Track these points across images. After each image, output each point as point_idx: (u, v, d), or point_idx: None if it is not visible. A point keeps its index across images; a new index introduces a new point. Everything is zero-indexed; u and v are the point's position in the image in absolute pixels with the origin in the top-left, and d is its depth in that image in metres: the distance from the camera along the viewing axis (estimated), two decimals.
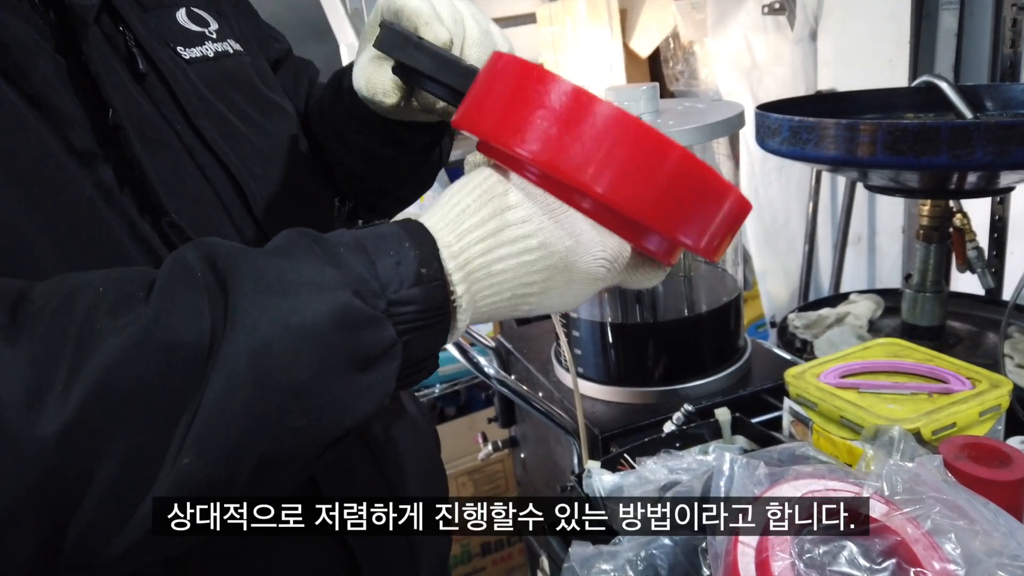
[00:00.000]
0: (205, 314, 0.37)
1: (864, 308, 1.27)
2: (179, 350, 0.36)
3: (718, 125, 0.86)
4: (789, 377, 0.77)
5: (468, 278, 0.43)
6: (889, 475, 0.50)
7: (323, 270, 0.39)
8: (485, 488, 1.90)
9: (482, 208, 0.44)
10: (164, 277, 0.38)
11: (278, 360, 0.37)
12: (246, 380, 0.36)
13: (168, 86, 0.56)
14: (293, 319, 0.37)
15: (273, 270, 0.39)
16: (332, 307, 0.38)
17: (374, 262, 0.41)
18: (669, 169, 0.42)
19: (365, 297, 0.40)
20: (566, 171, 0.42)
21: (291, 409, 0.38)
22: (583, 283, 0.47)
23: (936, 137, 0.85)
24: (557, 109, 0.42)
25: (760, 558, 0.45)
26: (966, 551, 0.45)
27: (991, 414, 0.67)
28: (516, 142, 0.42)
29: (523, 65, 0.44)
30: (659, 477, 0.66)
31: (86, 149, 0.49)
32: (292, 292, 0.38)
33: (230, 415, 0.36)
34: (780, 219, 1.93)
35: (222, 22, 0.67)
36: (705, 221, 0.44)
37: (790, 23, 1.78)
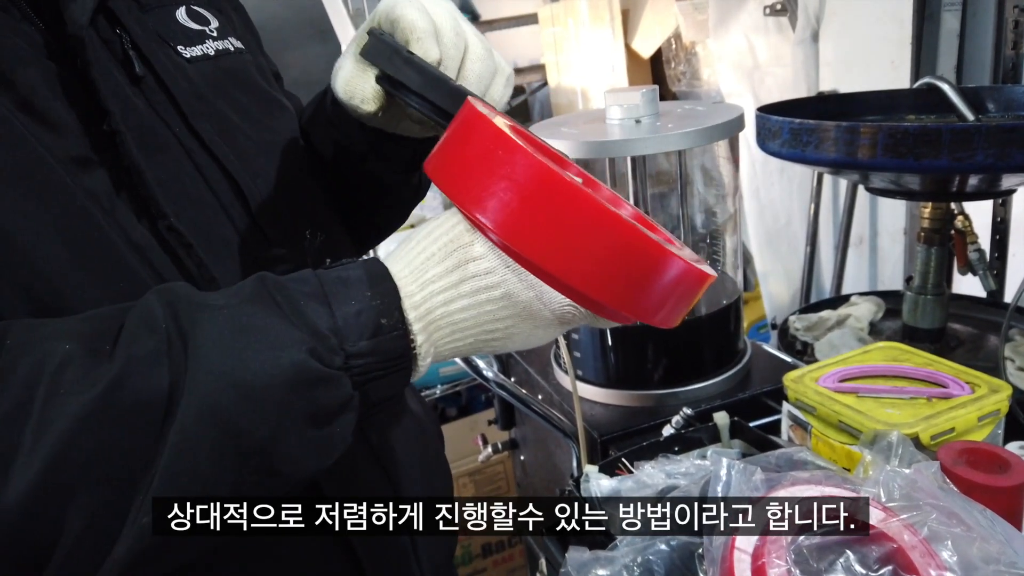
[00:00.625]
0: (164, 372, 0.38)
1: (865, 310, 1.27)
2: (139, 412, 0.37)
3: (718, 128, 0.86)
4: (788, 381, 0.77)
5: (428, 327, 0.44)
6: (886, 481, 0.49)
7: (281, 328, 0.40)
8: (485, 490, 1.90)
9: (447, 258, 0.45)
10: (129, 329, 0.39)
11: (232, 422, 0.38)
12: (201, 441, 0.37)
13: (166, 88, 0.56)
14: (248, 379, 0.38)
15: (231, 327, 0.40)
16: (286, 367, 0.39)
17: (333, 313, 0.42)
18: (627, 255, 0.42)
19: (321, 355, 0.40)
20: (524, 248, 0.42)
21: (247, 468, 0.39)
22: (548, 327, 0.47)
23: (937, 140, 0.85)
24: (517, 182, 0.42)
25: (756, 564, 0.45)
26: (963, 558, 0.45)
27: (990, 419, 0.67)
28: (477, 209, 0.43)
29: (490, 130, 0.44)
30: (656, 482, 0.65)
31: (79, 155, 0.49)
32: (249, 349, 0.39)
33: (186, 476, 0.37)
34: (782, 220, 1.93)
35: (222, 20, 0.66)
36: (660, 299, 0.45)
37: (792, 24, 1.78)
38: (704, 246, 1.08)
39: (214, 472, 0.38)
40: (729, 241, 1.06)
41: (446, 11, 0.56)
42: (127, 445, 0.37)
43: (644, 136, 0.85)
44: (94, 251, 0.48)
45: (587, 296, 0.43)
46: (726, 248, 1.06)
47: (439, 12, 0.55)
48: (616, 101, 0.91)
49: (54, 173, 0.47)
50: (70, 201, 0.47)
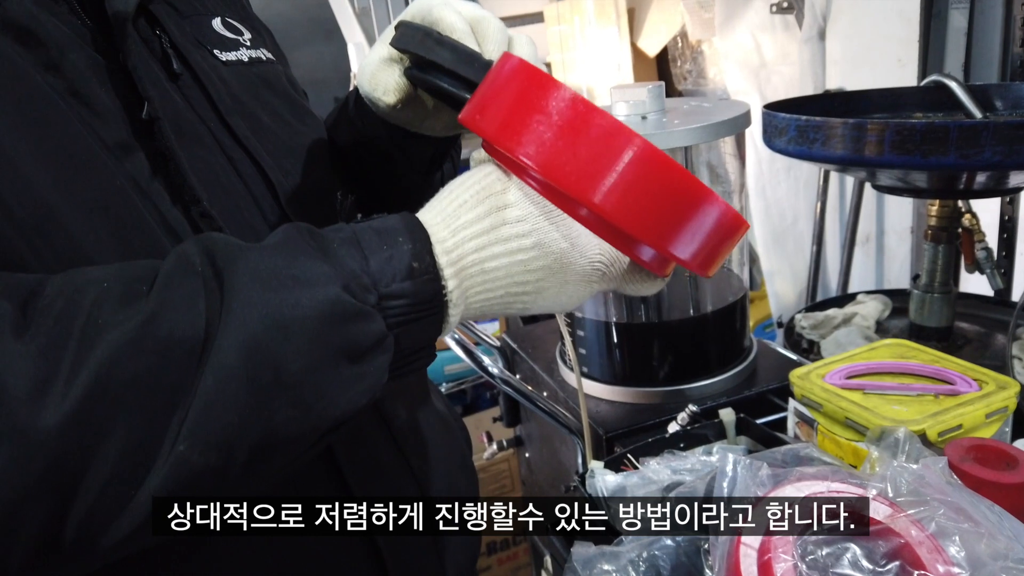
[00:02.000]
0: (201, 309, 0.38)
1: (872, 309, 1.26)
2: (175, 345, 0.37)
3: (723, 124, 0.86)
4: (794, 378, 0.76)
5: (460, 273, 0.44)
6: (893, 477, 0.49)
7: (315, 265, 0.41)
8: (490, 487, 1.90)
9: (479, 204, 0.45)
10: (166, 271, 0.40)
11: (268, 354, 0.38)
12: (238, 373, 0.38)
13: (202, 85, 0.58)
14: (284, 313, 0.39)
15: (267, 266, 0.40)
16: (321, 302, 0.40)
17: (367, 257, 0.42)
18: (665, 185, 0.42)
19: (355, 292, 0.41)
20: (563, 180, 0.42)
21: (282, 400, 0.39)
22: (578, 285, 0.47)
23: (944, 137, 0.85)
24: (558, 118, 0.42)
25: (762, 560, 0.45)
26: (970, 554, 0.45)
27: (998, 416, 0.67)
28: (516, 147, 0.43)
29: (529, 70, 0.44)
30: (662, 478, 0.65)
31: (120, 140, 0.50)
32: (284, 287, 0.39)
33: (222, 407, 0.38)
34: (788, 219, 1.93)
35: (255, 34, 0.69)
36: (697, 237, 0.44)
37: (798, 22, 1.77)
38: None
39: (249, 405, 0.38)
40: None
41: (482, 12, 0.57)
42: (163, 376, 0.37)
43: (650, 132, 0.85)
44: (131, 232, 0.48)
45: (625, 231, 0.43)
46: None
47: (475, 9, 0.56)
48: (622, 97, 0.91)
49: (97, 156, 0.48)
50: (111, 183, 0.48)
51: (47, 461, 0.35)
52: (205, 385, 0.37)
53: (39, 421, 0.35)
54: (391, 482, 0.64)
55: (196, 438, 0.37)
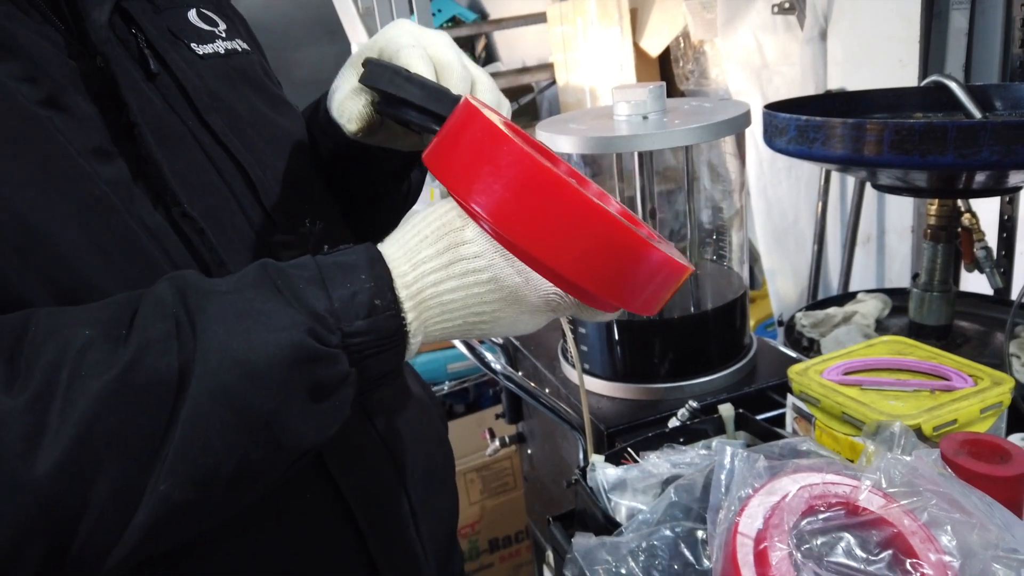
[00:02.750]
0: (174, 354, 0.41)
1: (871, 307, 1.27)
2: (153, 392, 0.40)
3: (724, 124, 0.87)
4: (792, 374, 0.77)
5: (419, 306, 0.47)
6: (887, 468, 0.50)
7: (282, 310, 0.43)
8: (493, 485, 1.91)
9: (438, 240, 0.47)
10: (142, 314, 0.42)
11: (239, 399, 0.41)
12: (211, 419, 0.41)
13: (179, 84, 0.59)
14: (252, 358, 0.41)
15: (236, 310, 0.43)
16: (286, 347, 0.42)
17: (330, 295, 0.45)
18: (612, 245, 0.45)
19: (319, 334, 0.44)
20: (512, 233, 0.44)
21: (253, 439, 0.42)
22: (533, 314, 0.50)
23: (942, 137, 0.86)
24: (507, 173, 0.44)
25: (758, 549, 0.46)
26: (962, 543, 0.45)
27: (992, 411, 0.68)
28: (468, 196, 0.45)
29: (482, 122, 0.46)
30: (662, 471, 0.66)
31: (98, 146, 0.51)
32: (253, 332, 0.42)
33: (198, 450, 0.41)
34: (789, 218, 1.93)
35: (229, 24, 0.69)
36: (642, 288, 0.47)
37: (800, 23, 1.78)
38: (711, 242, 1.09)
39: (223, 445, 0.41)
40: (735, 237, 1.07)
41: (448, 46, 0.59)
42: (144, 421, 0.40)
43: (651, 132, 0.86)
44: (113, 238, 0.50)
45: (572, 282, 0.46)
46: (732, 244, 1.07)
47: (442, 50, 0.59)
48: (623, 97, 0.92)
49: (76, 165, 0.49)
50: (90, 191, 0.49)
51: (41, 507, 0.38)
52: (182, 429, 0.40)
53: (32, 472, 0.37)
54: (369, 464, 0.66)
55: (176, 478, 0.40)
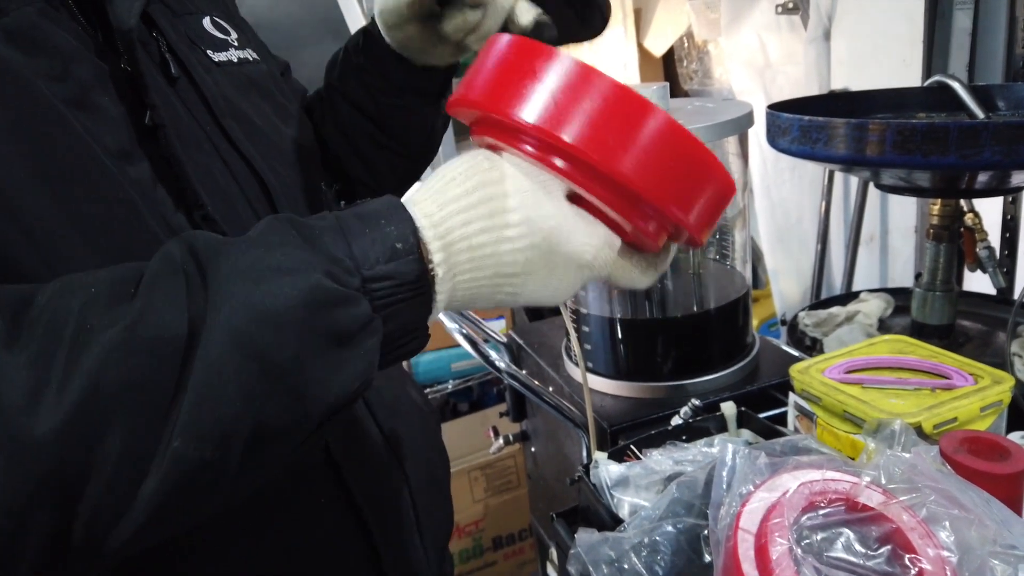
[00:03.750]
0: (184, 306, 0.38)
1: (874, 307, 1.27)
2: (163, 344, 0.38)
3: (727, 124, 0.87)
4: (794, 372, 0.78)
5: (448, 248, 0.44)
6: (886, 465, 0.51)
7: (296, 253, 0.41)
8: (497, 483, 1.92)
9: (467, 180, 0.44)
10: (151, 271, 0.40)
11: (256, 345, 0.38)
12: (227, 366, 0.38)
13: (198, 88, 0.59)
14: (267, 304, 0.39)
15: (249, 258, 0.40)
16: (303, 289, 0.40)
17: (349, 242, 0.42)
18: (675, 148, 0.42)
19: (337, 276, 0.41)
20: (561, 138, 0.42)
21: (273, 390, 0.39)
22: (566, 269, 0.46)
23: (944, 137, 0.86)
24: (555, 80, 0.42)
25: (759, 544, 0.47)
26: (960, 539, 0.46)
27: (992, 409, 0.68)
28: (511, 109, 0.43)
29: (521, 40, 0.44)
30: (664, 468, 0.67)
31: (123, 148, 0.52)
32: (266, 278, 0.40)
33: (214, 400, 0.38)
34: (793, 218, 1.94)
35: (240, 33, 0.70)
36: (694, 196, 0.44)
37: (804, 23, 1.78)
38: (713, 241, 1.10)
39: (240, 396, 0.38)
40: (738, 236, 1.07)
41: None
42: (154, 375, 0.37)
43: None
44: (134, 245, 0.50)
45: (626, 187, 0.42)
46: (735, 243, 1.08)
47: None
48: None
49: (101, 165, 0.49)
50: (115, 192, 0.50)
51: (46, 468, 0.35)
52: (195, 380, 0.37)
53: (35, 429, 0.35)
54: (379, 471, 0.67)
55: (190, 433, 0.37)
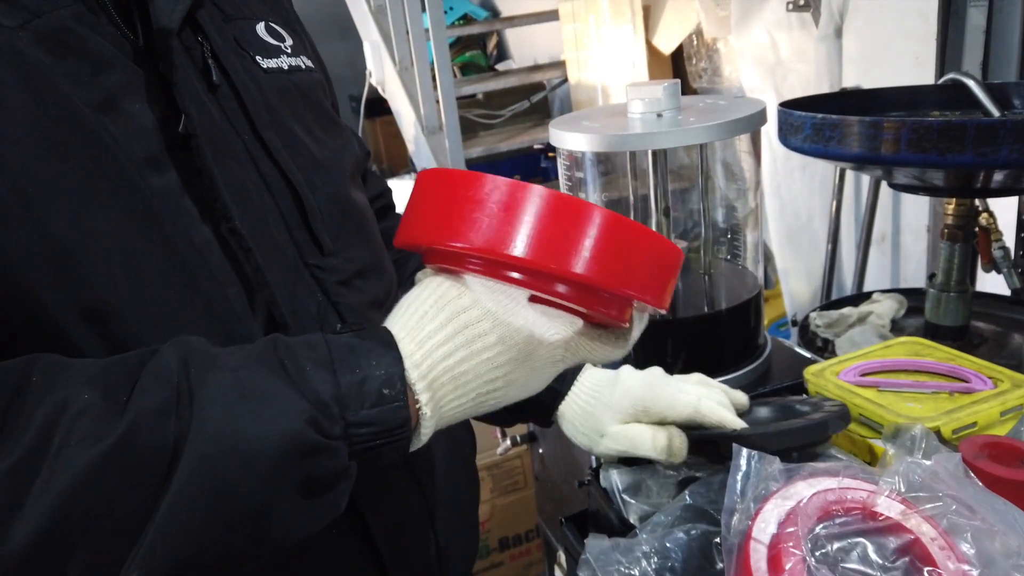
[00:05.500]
0: (171, 429, 0.38)
1: (887, 307, 1.26)
2: (143, 466, 0.38)
3: (739, 122, 0.86)
4: (808, 375, 0.76)
5: (432, 385, 0.45)
6: (906, 472, 0.49)
7: (285, 394, 0.41)
8: (504, 483, 1.91)
9: (439, 313, 0.46)
10: (144, 381, 0.40)
11: (227, 485, 0.38)
12: (196, 501, 0.38)
13: (238, 95, 0.58)
14: (246, 443, 0.39)
15: (238, 389, 0.40)
16: (284, 435, 0.40)
17: (339, 382, 0.42)
18: (604, 232, 0.45)
19: (321, 424, 0.41)
20: (513, 256, 0.44)
21: (236, 532, 0.39)
22: (544, 368, 0.48)
23: (961, 135, 0.84)
24: (494, 202, 0.44)
25: (772, 554, 0.45)
26: (982, 551, 0.45)
27: (1013, 414, 0.67)
28: (461, 239, 0.44)
29: (445, 171, 0.47)
30: (676, 472, 0.66)
31: (152, 155, 0.51)
32: (251, 414, 0.40)
33: (178, 537, 0.38)
34: (803, 217, 1.92)
35: (296, 40, 0.69)
36: (645, 273, 0.47)
37: (815, 20, 1.77)
38: (725, 241, 1.08)
39: (205, 532, 0.38)
40: (750, 236, 1.06)
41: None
42: (129, 500, 0.37)
43: (665, 130, 0.85)
44: (155, 253, 0.49)
45: (580, 282, 0.45)
46: (747, 243, 1.06)
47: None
48: (637, 95, 0.91)
49: (125, 173, 0.48)
50: (136, 201, 0.49)
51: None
52: (164, 511, 0.37)
53: (5, 546, 0.35)
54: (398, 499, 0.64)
55: (150, 566, 0.37)
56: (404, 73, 2.45)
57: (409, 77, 2.42)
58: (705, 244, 1.04)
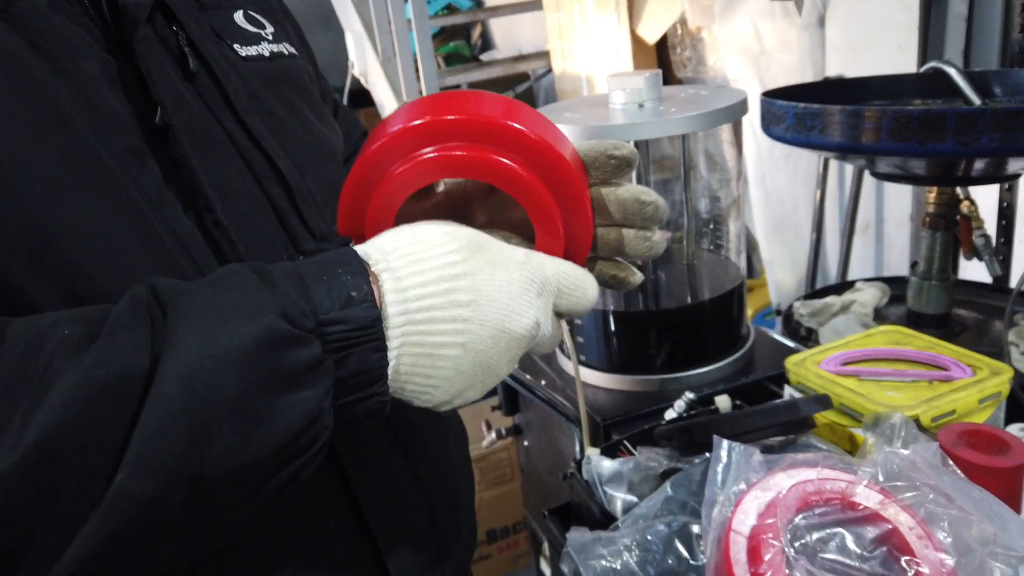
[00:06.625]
0: (145, 346, 0.39)
1: (870, 296, 1.26)
2: (123, 382, 0.38)
3: (720, 112, 0.86)
4: (790, 364, 0.77)
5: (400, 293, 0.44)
6: (884, 462, 0.50)
7: (255, 296, 0.42)
8: (490, 476, 1.91)
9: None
10: (116, 312, 0.41)
11: (205, 384, 0.39)
12: (176, 403, 0.38)
13: (219, 83, 0.57)
14: (222, 341, 0.40)
15: (208, 299, 0.41)
16: (257, 329, 0.40)
17: (308, 288, 0.43)
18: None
19: (293, 318, 0.41)
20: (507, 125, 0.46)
21: (218, 429, 0.39)
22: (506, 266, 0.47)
23: (941, 124, 0.85)
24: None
25: (751, 545, 0.45)
26: (959, 540, 0.45)
27: (991, 401, 0.67)
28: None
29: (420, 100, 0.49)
30: (658, 464, 0.66)
31: (131, 147, 0.50)
32: (223, 319, 0.40)
33: (161, 436, 0.38)
34: (788, 207, 1.93)
35: (278, 28, 0.68)
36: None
37: (798, 8, 1.77)
38: (708, 231, 1.08)
39: (188, 432, 0.39)
40: (733, 226, 1.06)
41: None
42: (111, 413, 0.38)
43: (647, 120, 0.85)
44: (137, 249, 0.48)
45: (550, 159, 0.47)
46: (730, 233, 1.06)
47: None
48: (619, 86, 0.91)
49: (105, 165, 0.48)
50: (118, 193, 0.48)
51: (2, 503, 0.36)
52: (145, 416, 0.38)
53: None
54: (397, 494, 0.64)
55: (134, 467, 0.38)
56: (387, 64, 2.44)
57: (392, 68, 2.41)
58: (688, 235, 1.04)
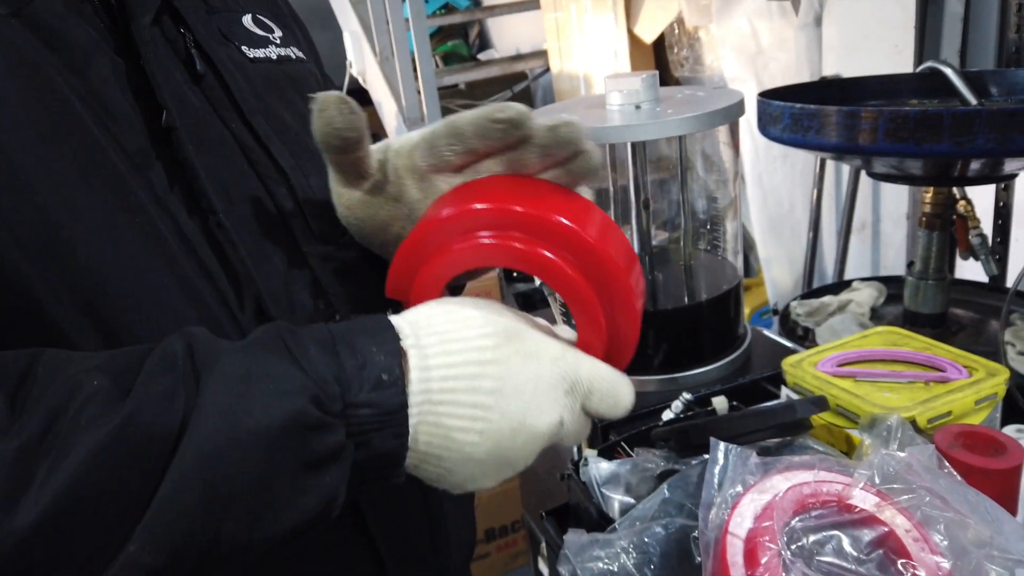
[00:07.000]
0: (175, 415, 0.38)
1: (866, 295, 1.27)
2: (149, 447, 0.38)
3: (717, 113, 0.86)
4: (786, 365, 0.77)
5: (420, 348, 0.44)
6: (881, 464, 0.50)
7: (287, 372, 0.41)
8: None
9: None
10: (148, 368, 0.40)
11: (225, 465, 0.38)
12: (195, 482, 0.38)
13: (224, 84, 0.57)
14: (246, 423, 0.39)
15: (242, 370, 0.40)
16: (285, 412, 0.40)
17: (342, 364, 0.42)
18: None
19: (321, 402, 0.41)
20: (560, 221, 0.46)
21: (234, 510, 0.39)
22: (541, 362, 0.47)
23: (938, 124, 0.85)
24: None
25: (748, 547, 0.45)
26: (955, 542, 0.45)
27: (987, 402, 0.67)
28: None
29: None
30: (656, 465, 0.66)
31: (138, 148, 0.50)
32: (252, 394, 0.40)
33: (175, 512, 0.38)
34: (784, 206, 1.93)
35: (287, 32, 0.68)
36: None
37: (795, 8, 1.77)
38: (705, 231, 1.08)
39: (201, 512, 0.38)
40: (730, 226, 1.06)
41: None
42: (134, 481, 0.37)
43: (644, 122, 0.85)
44: (144, 246, 0.48)
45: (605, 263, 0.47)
46: (727, 233, 1.06)
47: None
48: (616, 87, 0.91)
49: (113, 166, 0.48)
50: (126, 199, 0.48)
51: (15, 563, 0.35)
52: (164, 490, 0.38)
53: (11, 524, 0.35)
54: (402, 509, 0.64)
55: (148, 541, 0.38)
56: (385, 63, 2.43)
57: (390, 67, 2.40)
58: (685, 235, 1.04)
